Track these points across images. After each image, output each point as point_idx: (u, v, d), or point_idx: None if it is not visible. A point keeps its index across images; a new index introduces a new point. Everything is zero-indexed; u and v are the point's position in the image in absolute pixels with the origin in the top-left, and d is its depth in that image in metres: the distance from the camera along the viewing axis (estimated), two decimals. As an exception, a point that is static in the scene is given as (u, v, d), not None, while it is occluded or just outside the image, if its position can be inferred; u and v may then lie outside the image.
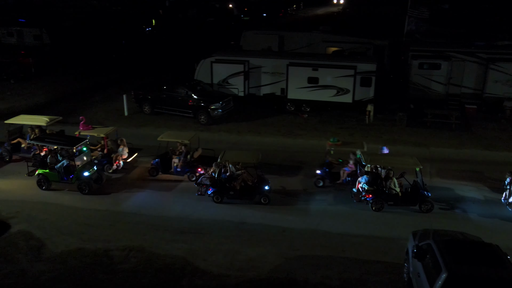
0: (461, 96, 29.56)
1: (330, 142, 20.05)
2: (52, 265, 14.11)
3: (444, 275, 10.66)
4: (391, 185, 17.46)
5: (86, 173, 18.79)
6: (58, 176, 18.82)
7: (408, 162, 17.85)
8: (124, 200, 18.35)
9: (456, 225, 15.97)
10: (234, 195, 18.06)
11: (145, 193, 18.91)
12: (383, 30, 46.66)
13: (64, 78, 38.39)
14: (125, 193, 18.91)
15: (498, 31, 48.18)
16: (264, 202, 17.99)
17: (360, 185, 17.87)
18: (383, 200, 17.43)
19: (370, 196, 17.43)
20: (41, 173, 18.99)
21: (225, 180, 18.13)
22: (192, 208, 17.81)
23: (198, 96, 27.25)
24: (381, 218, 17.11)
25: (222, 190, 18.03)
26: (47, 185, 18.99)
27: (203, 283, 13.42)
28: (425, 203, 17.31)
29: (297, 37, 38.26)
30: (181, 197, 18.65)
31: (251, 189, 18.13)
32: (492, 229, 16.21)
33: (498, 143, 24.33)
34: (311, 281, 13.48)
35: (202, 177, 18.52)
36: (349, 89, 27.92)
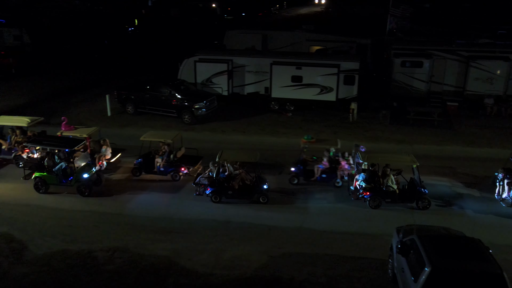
0: (443, 94, 29.94)
1: (304, 139, 20.08)
2: (35, 268, 13.89)
3: (428, 269, 10.76)
4: (389, 182, 17.53)
5: (86, 175, 18.42)
6: (57, 179, 18.40)
7: (405, 160, 17.95)
8: (108, 201, 18.16)
9: (446, 221, 16.15)
10: (233, 194, 17.96)
11: (129, 194, 18.74)
12: (365, 29, 46.94)
13: (46, 78, 37.90)
14: (108, 194, 18.72)
15: (478, 29, 48.84)
16: (263, 201, 17.93)
17: (358, 182, 17.93)
18: (380, 198, 17.51)
19: (368, 193, 17.49)
20: (38, 176, 18.50)
21: (224, 179, 18.03)
22: (177, 207, 17.71)
23: (181, 95, 27.13)
24: (365, 215, 17.23)
25: (221, 190, 17.91)
26: (44, 188, 18.55)
27: (188, 282, 13.35)
28: (422, 200, 17.41)
29: (280, 36, 38.32)
30: (165, 197, 18.55)
31: (249, 189, 18.05)
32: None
33: (479, 140, 24.67)
34: (297, 278, 13.50)
35: (200, 177, 18.39)
36: (332, 88, 28.05)
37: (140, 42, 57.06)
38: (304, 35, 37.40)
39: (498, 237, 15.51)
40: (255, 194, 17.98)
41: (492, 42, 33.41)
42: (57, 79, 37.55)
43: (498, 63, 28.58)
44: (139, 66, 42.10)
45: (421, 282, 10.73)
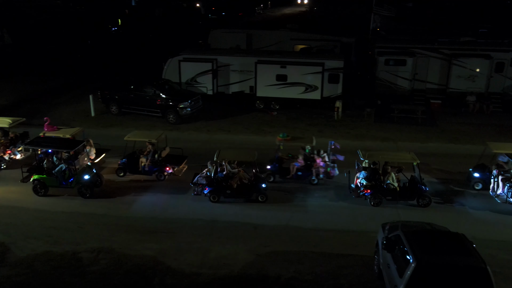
0: (426, 92, 30.23)
1: (279, 137, 20.11)
2: (18, 270, 13.69)
3: (413, 264, 10.85)
4: (389, 180, 17.57)
5: (87, 177, 18.15)
6: (57, 181, 18.07)
7: (405, 157, 18.02)
8: (92, 201, 17.98)
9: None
10: (231, 194, 17.89)
11: (113, 194, 18.57)
12: (349, 28, 47.18)
13: (28, 78, 37.35)
14: (92, 195, 18.47)
15: (460, 28, 49.42)
16: (262, 200, 17.90)
17: (359, 180, 17.97)
18: (381, 195, 17.56)
19: (369, 191, 17.53)
20: (37, 179, 18.12)
21: (222, 179, 17.94)
22: (162, 207, 17.61)
23: (166, 95, 26.97)
24: (350, 212, 17.35)
25: (219, 189, 17.82)
26: (44, 191, 18.19)
27: (174, 282, 13.27)
28: (422, 197, 17.50)
29: (265, 35, 38.28)
30: (151, 196, 18.42)
31: (248, 187, 17.99)
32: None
33: (462, 136, 24.96)
34: (284, 276, 13.51)
35: (198, 177, 18.27)
36: (317, 86, 28.13)
37: (124, 42, 56.60)
38: (288, 34, 37.40)
39: (490, 233, 15.83)
40: (253, 193, 17.93)
41: (474, 40, 33.82)
42: (39, 80, 37.01)
43: (480, 61, 28.92)
44: (123, 66, 41.73)
45: (407, 277, 10.81)
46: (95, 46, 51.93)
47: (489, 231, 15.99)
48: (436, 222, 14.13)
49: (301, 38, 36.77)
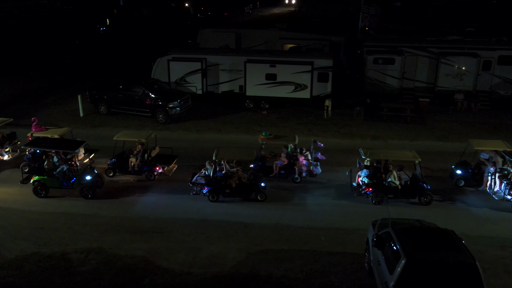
0: (415, 90, 30.40)
1: (262, 136, 20.12)
2: (6, 271, 13.54)
3: (403, 261, 10.90)
4: (391, 178, 17.58)
5: (88, 177, 17.93)
6: (58, 182, 17.81)
7: (407, 155, 18.04)
8: (81, 202, 17.84)
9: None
10: (230, 193, 17.83)
11: (103, 194, 18.43)
12: (338, 27, 47.33)
13: (15, 79, 36.94)
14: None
15: (447, 27, 49.82)
16: (261, 198, 17.87)
17: (360, 178, 17.98)
18: (383, 193, 17.57)
19: (370, 189, 17.54)
20: (38, 180, 17.85)
21: (221, 178, 17.87)
22: (152, 207, 17.53)
23: (155, 94, 26.84)
24: (340, 210, 17.40)
25: (218, 189, 17.76)
26: (45, 192, 17.92)
27: (165, 282, 13.22)
28: (424, 195, 17.55)
29: (254, 34, 38.29)
30: (140, 196, 18.33)
31: (246, 187, 17.93)
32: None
33: (450, 134, 25.15)
34: (275, 274, 13.51)
35: (196, 176, 18.19)
36: (307, 85, 28.19)
37: (112, 42, 56.26)
38: (277, 34, 37.46)
39: (479, 229, 15.99)
40: (252, 192, 17.90)
41: (461, 38, 34.14)
42: (26, 80, 36.63)
43: (467, 60, 29.15)
44: (112, 66, 41.48)
45: (397, 274, 10.87)
46: (83, 46, 51.55)
47: (478, 227, 16.13)
48: (425, 219, 14.22)
49: (290, 37, 36.82)
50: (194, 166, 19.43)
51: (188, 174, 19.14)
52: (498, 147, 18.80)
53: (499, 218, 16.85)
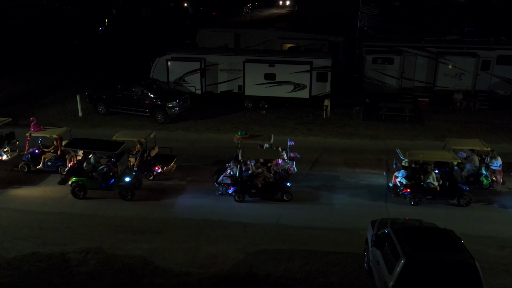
0: (414, 90, 30.39)
1: (237, 135, 20.09)
2: (5, 271, 13.51)
3: (403, 260, 10.89)
4: (430, 179, 17.43)
5: (128, 179, 17.79)
6: (97, 183, 17.69)
7: (446, 156, 17.84)
8: (80, 202, 17.81)
9: (422, 213, 16.39)
10: (256, 193, 17.79)
11: (101, 195, 18.32)
12: (337, 27, 47.32)
13: (14, 79, 36.88)
14: (80, 195, 18.36)
15: (446, 27, 49.87)
16: (287, 198, 17.82)
17: (398, 179, 17.86)
18: (421, 195, 17.45)
19: (408, 190, 17.41)
20: (76, 181, 17.72)
21: (247, 178, 17.83)
22: (151, 207, 17.50)
23: (154, 94, 26.81)
24: (339, 210, 17.37)
25: (244, 189, 17.72)
26: (83, 193, 17.81)
27: (164, 282, 13.19)
28: (463, 196, 17.40)
29: (253, 34, 38.27)
30: (139, 196, 18.26)
31: (273, 186, 17.87)
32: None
33: (450, 134, 25.11)
34: (274, 274, 13.49)
35: (222, 176, 18.17)
36: (305, 85, 28.17)
37: (111, 41, 56.19)
38: (276, 33, 37.45)
39: (478, 229, 15.97)
40: (278, 191, 17.86)
41: (460, 38, 34.13)
42: (25, 80, 36.58)
43: (466, 59, 29.15)
44: (111, 66, 41.43)
45: (396, 273, 10.86)
46: (82, 46, 51.49)
47: (477, 227, 16.12)
48: (425, 219, 14.22)
49: (289, 37, 36.81)
50: (194, 165, 19.42)
51: (187, 174, 19.15)
52: (475, 146, 18.92)
53: (498, 218, 16.85)
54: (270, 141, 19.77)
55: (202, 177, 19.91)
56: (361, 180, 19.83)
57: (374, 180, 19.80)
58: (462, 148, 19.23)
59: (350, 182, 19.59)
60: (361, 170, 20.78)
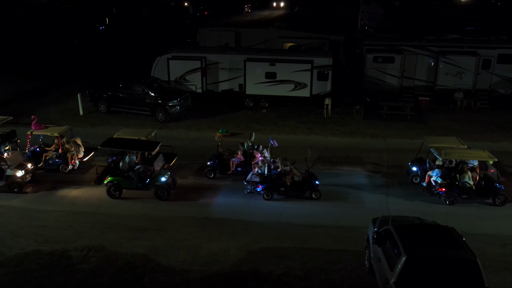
0: (414, 89, 30.40)
1: (218, 133, 20.11)
2: (6, 269, 13.54)
3: (404, 257, 10.91)
4: (465, 178, 17.33)
5: (163, 178, 17.75)
6: (133, 183, 17.59)
7: (482, 155, 17.72)
8: (81, 200, 17.84)
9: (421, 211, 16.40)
10: (285, 191, 17.78)
11: (102, 192, 18.40)
12: (338, 26, 47.32)
13: (15, 78, 36.92)
14: (81, 193, 18.39)
15: (447, 26, 49.87)
16: (315, 196, 17.81)
17: (433, 178, 17.78)
18: (456, 194, 17.37)
19: (444, 189, 17.33)
20: (112, 181, 17.65)
21: (276, 176, 17.81)
22: (153, 205, 17.51)
23: (155, 93, 26.83)
24: (341, 208, 17.39)
25: (273, 187, 17.71)
26: (118, 193, 17.75)
27: (165, 279, 13.21)
28: (499, 196, 17.31)
29: (253, 33, 38.26)
30: (141, 194, 18.24)
31: (301, 184, 17.87)
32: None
33: (450, 133, 25.05)
34: (275, 272, 13.51)
35: (251, 174, 18.16)
36: (306, 84, 28.18)
37: (112, 40, 56.22)
38: (277, 32, 37.44)
39: (479, 227, 16.01)
40: (307, 190, 17.85)
41: (461, 37, 34.13)
42: (26, 79, 36.60)
43: (467, 58, 29.15)
44: (111, 65, 41.45)
45: (398, 270, 10.88)
46: (83, 45, 51.52)
47: (478, 225, 16.14)
48: (426, 217, 14.24)
49: (289, 36, 36.80)
50: (194, 164, 19.40)
51: (188, 172, 19.16)
52: (451, 143, 18.97)
53: (499, 216, 16.86)
54: (251, 139, 19.92)
55: (202, 175, 19.91)
56: (362, 178, 19.87)
57: (375, 178, 19.83)
58: (440, 146, 19.24)
59: (351, 180, 19.60)
60: (362, 168, 20.80)
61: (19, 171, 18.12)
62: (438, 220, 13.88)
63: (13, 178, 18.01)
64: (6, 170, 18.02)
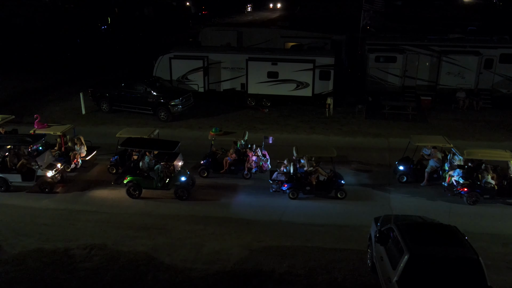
0: (416, 88, 30.37)
1: (212, 132, 20.16)
2: (9, 267, 13.57)
3: (406, 256, 10.91)
4: (488, 178, 17.23)
5: (183, 178, 17.71)
6: (153, 183, 17.55)
7: (505, 156, 17.62)
8: (84, 198, 17.88)
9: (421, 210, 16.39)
10: (311, 190, 17.74)
11: (106, 191, 18.46)
12: (340, 25, 47.32)
13: (17, 77, 37.01)
14: (84, 191, 18.43)
15: (449, 26, 49.83)
16: (341, 196, 17.76)
17: (455, 178, 17.72)
18: (478, 194, 17.27)
19: (466, 189, 17.24)
20: (132, 181, 17.60)
21: (302, 175, 17.80)
22: (155, 204, 17.54)
23: (157, 92, 26.86)
24: (343, 207, 17.39)
25: (299, 186, 17.69)
26: (138, 193, 17.69)
27: (168, 278, 13.23)
28: None
29: (255, 33, 38.29)
30: (143, 193, 18.25)
31: (327, 184, 17.84)
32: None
33: (452, 132, 25.10)
34: (277, 271, 13.51)
35: (276, 173, 18.14)
36: (308, 83, 28.19)
37: (114, 40, 56.29)
38: (279, 32, 37.47)
39: (481, 226, 15.98)
40: (332, 189, 17.82)
41: (463, 37, 34.07)
42: (29, 78, 36.68)
43: (469, 58, 29.13)
44: (114, 64, 41.50)
45: (400, 269, 10.88)
46: (85, 45, 51.60)
47: (481, 224, 16.13)
48: (428, 216, 14.24)
49: (291, 35, 36.80)
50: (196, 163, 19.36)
51: (189, 172, 19.13)
52: (438, 142, 18.99)
53: (502, 215, 16.84)
54: (245, 138, 19.99)
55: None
56: (364, 177, 19.87)
57: (377, 177, 19.82)
58: (426, 144, 19.34)
59: (353, 179, 19.59)
60: (364, 167, 20.79)
61: (49, 171, 18.10)
62: (441, 219, 13.88)
63: (44, 178, 17.98)
64: (37, 171, 18.01)
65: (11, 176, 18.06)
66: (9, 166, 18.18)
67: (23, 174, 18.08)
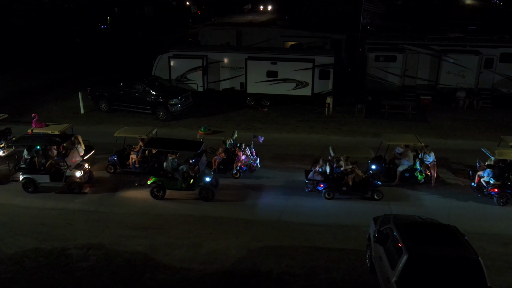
0: (416, 88, 30.29)
1: (200, 131, 20.01)
2: (6, 267, 13.48)
3: (405, 256, 10.82)
4: None
5: (208, 179, 17.51)
6: (178, 184, 17.39)
7: None
8: (81, 198, 17.77)
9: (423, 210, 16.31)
10: (347, 190, 17.60)
11: (103, 190, 18.36)
12: (340, 25, 47.22)
13: (16, 76, 36.92)
14: (81, 191, 18.31)
15: (449, 25, 49.75)
16: (377, 197, 17.59)
17: (484, 179, 17.53)
18: (509, 194, 17.09)
19: (496, 190, 17.04)
20: (156, 181, 17.42)
21: (338, 175, 17.68)
22: (153, 203, 17.44)
23: (156, 91, 26.76)
24: (342, 207, 17.30)
25: (335, 186, 17.56)
26: (162, 193, 17.51)
27: (165, 277, 13.14)
28: None
29: (255, 32, 38.19)
30: (141, 192, 18.18)
31: (363, 185, 17.69)
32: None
33: (452, 132, 25.06)
34: (275, 271, 13.43)
35: (312, 173, 18.03)
36: (308, 82, 28.08)
37: (113, 39, 56.21)
38: (278, 31, 37.37)
39: (481, 226, 15.91)
40: (369, 190, 17.67)
41: (463, 36, 33.98)
42: (27, 77, 36.59)
43: (469, 57, 29.03)
44: (113, 64, 41.42)
45: (399, 269, 10.79)
46: (84, 44, 51.53)
47: (481, 224, 16.04)
48: (427, 215, 14.15)
49: (291, 35, 36.72)
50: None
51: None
52: (410, 141, 18.96)
53: (502, 215, 16.75)
54: (233, 137, 19.90)
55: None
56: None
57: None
58: (398, 143, 19.28)
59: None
60: (363, 167, 20.65)
61: (78, 171, 18.00)
62: (440, 219, 13.77)
63: (73, 178, 17.88)
64: (66, 171, 17.92)
65: (40, 177, 17.92)
66: (37, 167, 18.04)
67: (51, 174, 17.98)
